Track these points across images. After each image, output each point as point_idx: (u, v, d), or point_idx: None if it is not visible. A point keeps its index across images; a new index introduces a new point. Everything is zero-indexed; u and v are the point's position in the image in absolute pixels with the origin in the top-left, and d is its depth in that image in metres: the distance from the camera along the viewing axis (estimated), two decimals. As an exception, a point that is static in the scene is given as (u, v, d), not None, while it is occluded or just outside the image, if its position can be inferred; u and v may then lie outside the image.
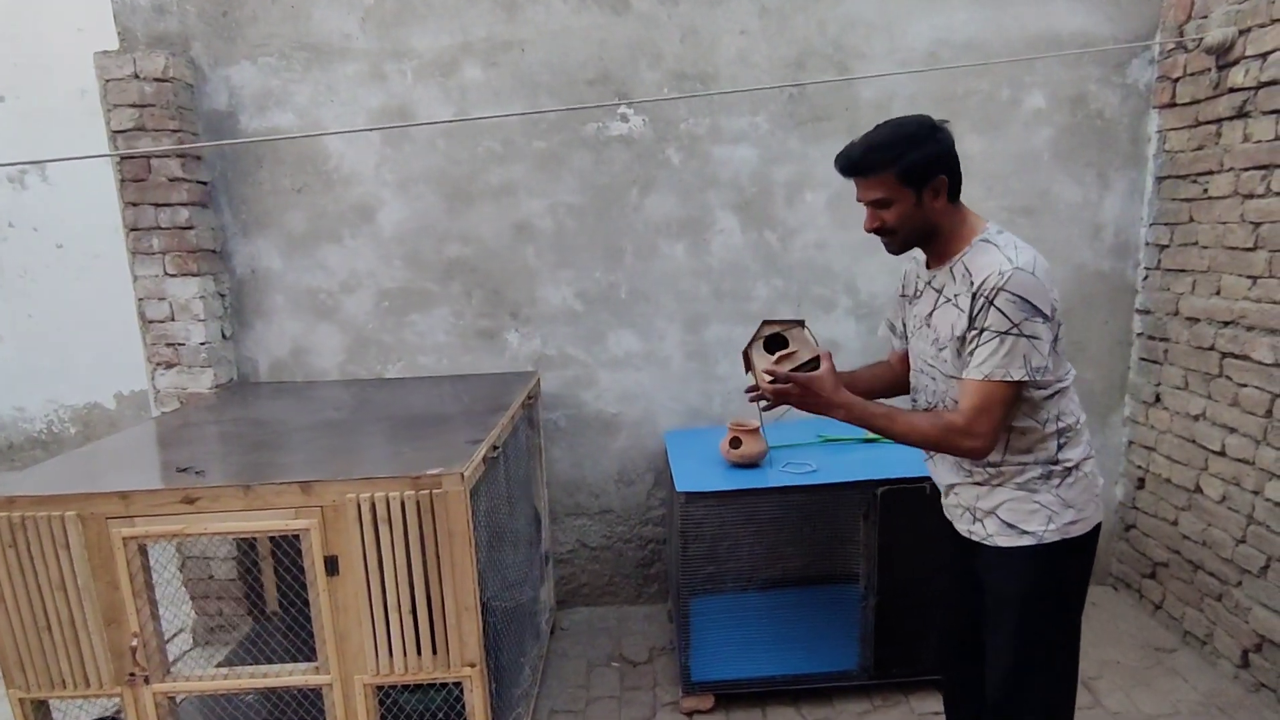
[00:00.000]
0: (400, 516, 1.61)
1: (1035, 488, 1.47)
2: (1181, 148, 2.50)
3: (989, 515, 1.52)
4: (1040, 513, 1.47)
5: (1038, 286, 1.34)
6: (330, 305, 2.73)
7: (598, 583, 2.97)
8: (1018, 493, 1.48)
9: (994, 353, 1.36)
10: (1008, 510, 1.49)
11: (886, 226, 1.46)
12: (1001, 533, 1.50)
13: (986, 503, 1.52)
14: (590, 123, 2.62)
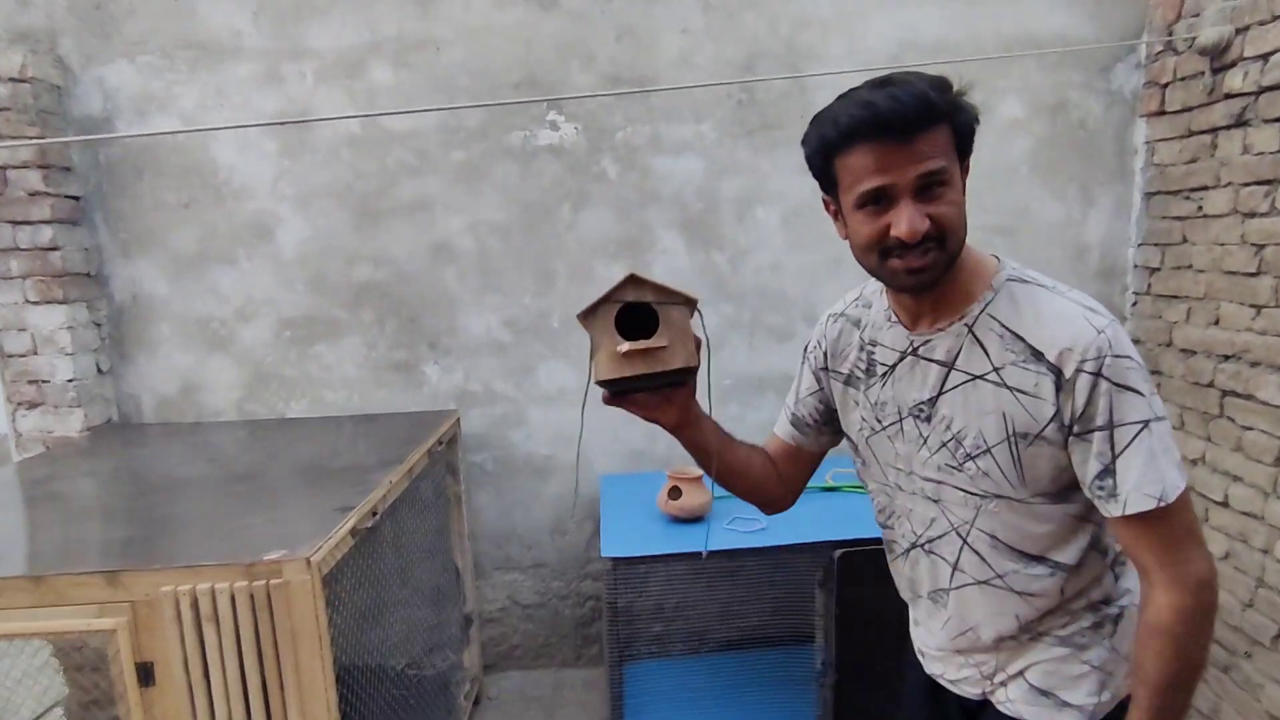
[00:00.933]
0: (230, 613, 1.30)
1: (1083, 642, 1.00)
2: (1173, 160, 2.25)
3: (1015, 679, 1.04)
4: (1090, 677, 1.00)
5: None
6: (224, 335, 2.41)
7: (532, 644, 2.65)
8: (1058, 649, 1.01)
9: (1155, 456, 0.86)
10: (1043, 673, 1.02)
11: (944, 225, 0.88)
12: (1030, 701, 1.02)
13: (1014, 663, 1.04)
14: (516, 131, 2.33)
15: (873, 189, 0.88)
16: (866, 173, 0.88)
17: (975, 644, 1.05)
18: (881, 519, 1.15)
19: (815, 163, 0.97)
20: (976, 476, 0.96)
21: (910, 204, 0.87)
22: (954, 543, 1.01)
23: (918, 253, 0.89)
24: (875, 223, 0.90)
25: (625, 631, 2.42)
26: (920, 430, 1.01)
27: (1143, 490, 0.86)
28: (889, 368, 1.04)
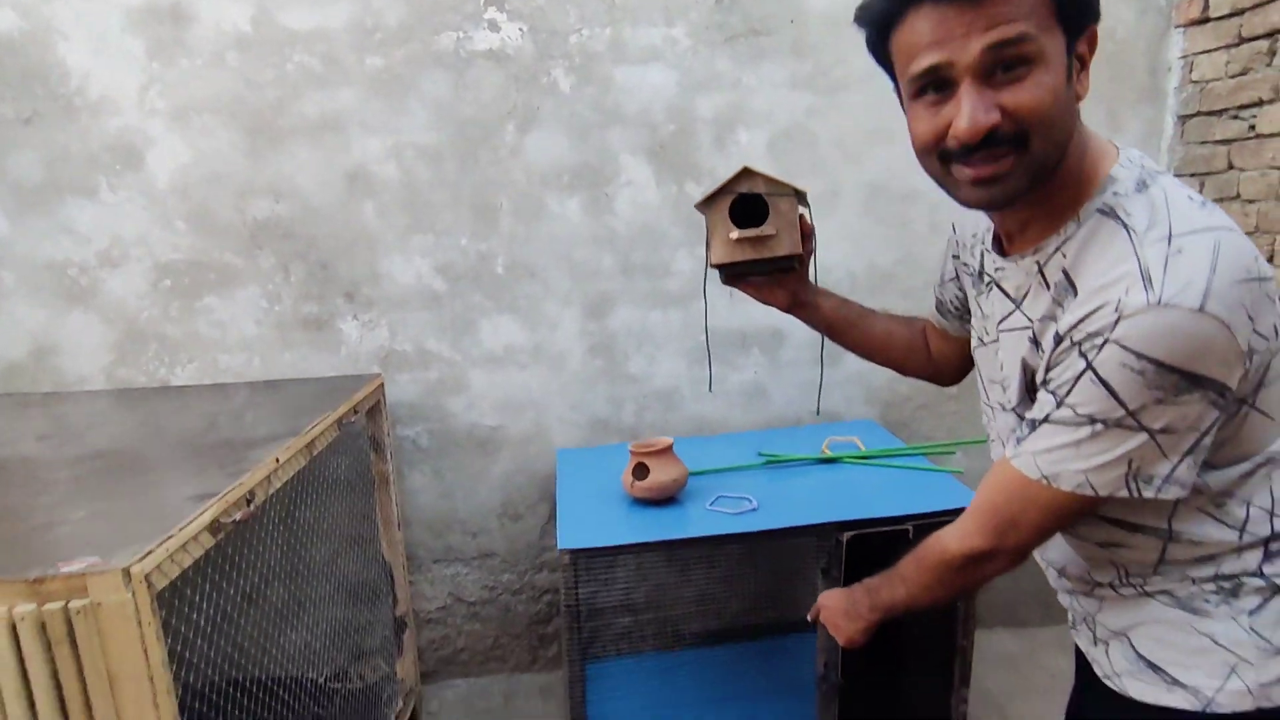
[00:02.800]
0: (12, 652, 0.89)
1: (1206, 609, 0.80)
2: (1217, 75, 1.94)
3: (1117, 637, 0.87)
4: (1212, 655, 0.79)
5: (1208, 334, 0.65)
6: (85, 285, 1.95)
7: (479, 647, 2.28)
8: (1174, 613, 0.81)
9: (1068, 445, 0.73)
10: (1149, 638, 0.83)
11: (1025, 118, 0.68)
12: (1135, 672, 0.85)
13: (1122, 620, 0.86)
14: (447, 31, 1.91)
15: (927, 68, 0.71)
16: (920, 47, 0.71)
17: (1066, 584, 0.93)
18: (986, 426, 1.01)
19: (872, 43, 0.80)
20: (1009, 417, 0.88)
21: (974, 89, 0.69)
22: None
23: (986, 157, 0.71)
24: (934, 118, 0.73)
25: (589, 627, 2.08)
26: (992, 349, 0.91)
27: (1038, 460, 0.76)
28: (985, 283, 0.92)
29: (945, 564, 0.88)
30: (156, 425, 1.59)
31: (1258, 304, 0.67)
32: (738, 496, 1.69)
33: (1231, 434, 0.74)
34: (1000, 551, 0.83)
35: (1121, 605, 0.87)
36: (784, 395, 2.19)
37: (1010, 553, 0.83)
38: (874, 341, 1.19)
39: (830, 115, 2.01)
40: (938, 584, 0.91)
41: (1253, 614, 0.78)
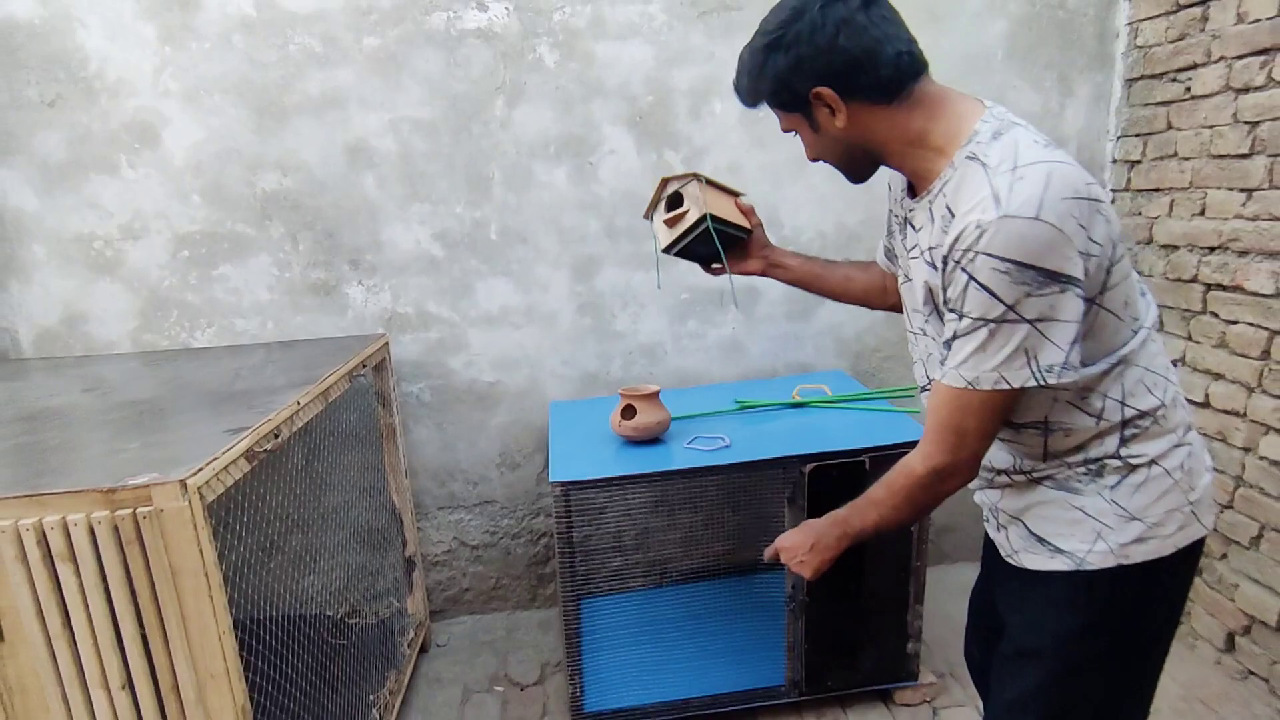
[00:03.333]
0: (90, 550, 1.07)
1: (1079, 486, 1.00)
2: (1158, 40, 2.08)
3: (1014, 521, 1.07)
4: (1086, 525, 0.99)
5: (1046, 236, 0.83)
6: (110, 257, 2.11)
7: (482, 587, 2.48)
8: (1055, 493, 1.01)
9: (976, 350, 0.90)
10: (1042, 516, 1.04)
11: (814, 156, 1.08)
12: (1031, 549, 1.05)
13: (1016, 504, 1.07)
14: (437, 11, 2.04)
15: None
16: None
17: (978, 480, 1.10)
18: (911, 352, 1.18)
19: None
20: (923, 337, 1.08)
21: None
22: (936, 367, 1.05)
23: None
24: None
25: (582, 566, 2.26)
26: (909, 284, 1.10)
27: (960, 371, 0.92)
28: (906, 219, 1.08)
29: (914, 484, 1.01)
30: (186, 379, 1.76)
31: (1087, 217, 0.85)
32: (713, 436, 1.87)
33: (1089, 330, 0.91)
34: (958, 462, 0.97)
35: (1016, 492, 1.06)
36: (759, 349, 2.35)
37: (967, 461, 0.97)
38: (838, 287, 1.40)
39: (798, 85, 2.15)
40: (908, 504, 1.03)
41: (1113, 489, 0.98)
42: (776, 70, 0.97)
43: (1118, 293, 0.92)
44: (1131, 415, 0.96)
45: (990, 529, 1.16)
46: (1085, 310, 0.88)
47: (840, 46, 0.91)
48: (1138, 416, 0.96)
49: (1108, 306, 0.92)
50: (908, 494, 1.03)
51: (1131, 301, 0.95)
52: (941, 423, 0.96)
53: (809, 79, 0.95)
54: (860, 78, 0.93)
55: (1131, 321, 0.95)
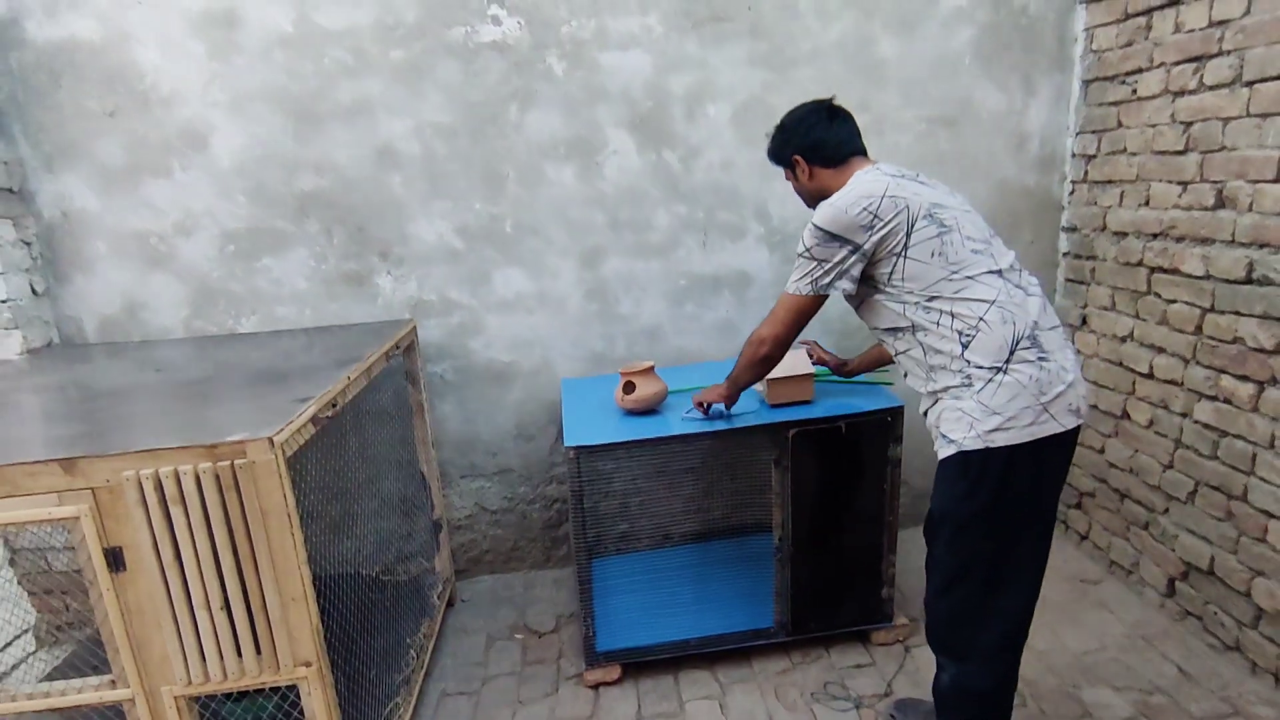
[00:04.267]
0: (196, 495, 1.31)
1: (960, 394, 1.44)
2: (1110, 45, 2.29)
3: (935, 428, 1.52)
4: (963, 420, 1.43)
5: (835, 214, 1.46)
6: (164, 251, 2.34)
7: (501, 548, 2.73)
8: (949, 401, 1.46)
9: (793, 270, 1.57)
10: (944, 419, 1.48)
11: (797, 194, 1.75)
12: (940, 444, 1.49)
13: (934, 416, 1.52)
14: (456, 26, 2.25)
15: None
16: None
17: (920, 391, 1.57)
18: None
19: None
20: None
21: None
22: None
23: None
24: None
25: (592, 530, 2.50)
26: None
27: (789, 281, 1.59)
28: None
29: (748, 343, 1.72)
30: (243, 359, 1.99)
31: (873, 210, 1.44)
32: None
33: (905, 271, 1.44)
34: (761, 336, 1.67)
35: (934, 406, 1.52)
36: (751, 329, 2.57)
37: (764, 337, 1.67)
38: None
39: (784, 89, 2.36)
40: (746, 361, 1.74)
41: (979, 392, 1.41)
42: (778, 140, 1.68)
43: (921, 249, 1.43)
44: (961, 328, 1.42)
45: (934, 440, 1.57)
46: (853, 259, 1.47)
47: (809, 136, 1.61)
48: (967, 329, 1.41)
49: (912, 256, 1.44)
50: (747, 351, 1.73)
51: (942, 253, 1.43)
52: (773, 310, 1.65)
53: (791, 149, 1.65)
54: (819, 153, 1.61)
55: (944, 265, 1.43)
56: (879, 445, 2.03)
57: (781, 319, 1.61)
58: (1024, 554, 1.48)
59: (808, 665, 2.15)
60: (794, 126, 1.64)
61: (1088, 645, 2.15)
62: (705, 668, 2.16)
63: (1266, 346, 1.83)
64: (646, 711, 2.02)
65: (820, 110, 1.62)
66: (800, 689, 2.05)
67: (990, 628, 1.50)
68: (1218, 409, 1.99)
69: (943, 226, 1.43)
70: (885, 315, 1.53)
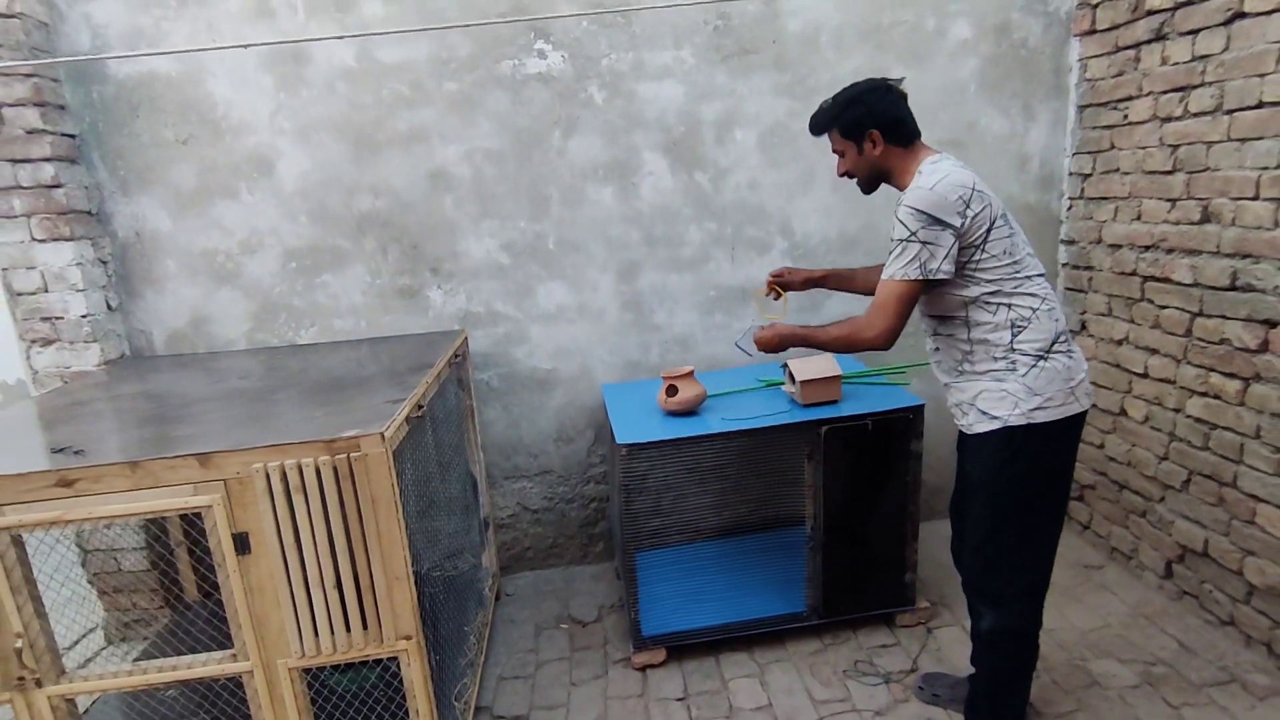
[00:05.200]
0: (316, 484, 1.47)
1: (1003, 377, 1.62)
2: (1102, 75, 2.52)
3: (971, 406, 1.67)
4: (1008, 399, 1.60)
5: (936, 200, 1.54)
6: (230, 268, 2.50)
7: (542, 545, 2.89)
8: (990, 383, 1.63)
9: (895, 258, 1.59)
10: (984, 399, 1.64)
11: (846, 172, 1.76)
12: (979, 420, 1.65)
13: (969, 395, 1.67)
14: (505, 60, 2.45)
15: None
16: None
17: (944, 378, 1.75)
18: None
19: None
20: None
21: (837, 161, 1.78)
22: (926, 322, 1.77)
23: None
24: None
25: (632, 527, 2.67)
26: None
27: (886, 269, 1.63)
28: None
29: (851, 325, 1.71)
30: (319, 368, 2.16)
31: (966, 200, 1.55)
32: (735, 418, 2.28)
33: (980, 261, 1.58)
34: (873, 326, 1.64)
35: (970, 386, 1.67)
36: (776, 337, 2.77)
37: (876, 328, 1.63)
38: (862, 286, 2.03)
39: (806, 115, 2.52)
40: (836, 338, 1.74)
41: (1023, 376, 1.60)
42: (857, 111, 1.67)
43: (996, 245, 1.58)
44: (1015, 317, 1.60)
45: (957, 418, 1.74)
46: (955, 242, 1.55)
47: (891, 113, 1.66)
48: (1020, 319, 1.60)
49: (989, 250, 1.58)
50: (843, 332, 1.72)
51: (1010, 252, 1.59)
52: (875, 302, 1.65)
53: (870, 122, 1.66)
54: (895, 130, 1.67)
55: (1010, 263, 1.59)
56: (902, 441, 2.22)
57: (894, 309, 1.59)
58: (1049, 513, 1.70)
59: (838, 646, 2.32)
60: (874, 102, 1.65)
61: (1093, 623, 2.34)
62: (743, 650, 2.33)
63: (1251, 346, 2.04)
64: (692, 689, 2.18)
65: (891, 89, 1.67)
66: (833, 667, 2.22)
67: (1021, 575, 1.71)
68: (1208, 404, 2.19)
69: (1012, 229, 1.61)
70: (945, 303, 1.65)
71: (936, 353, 1.76)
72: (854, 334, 1.67)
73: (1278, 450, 1.99)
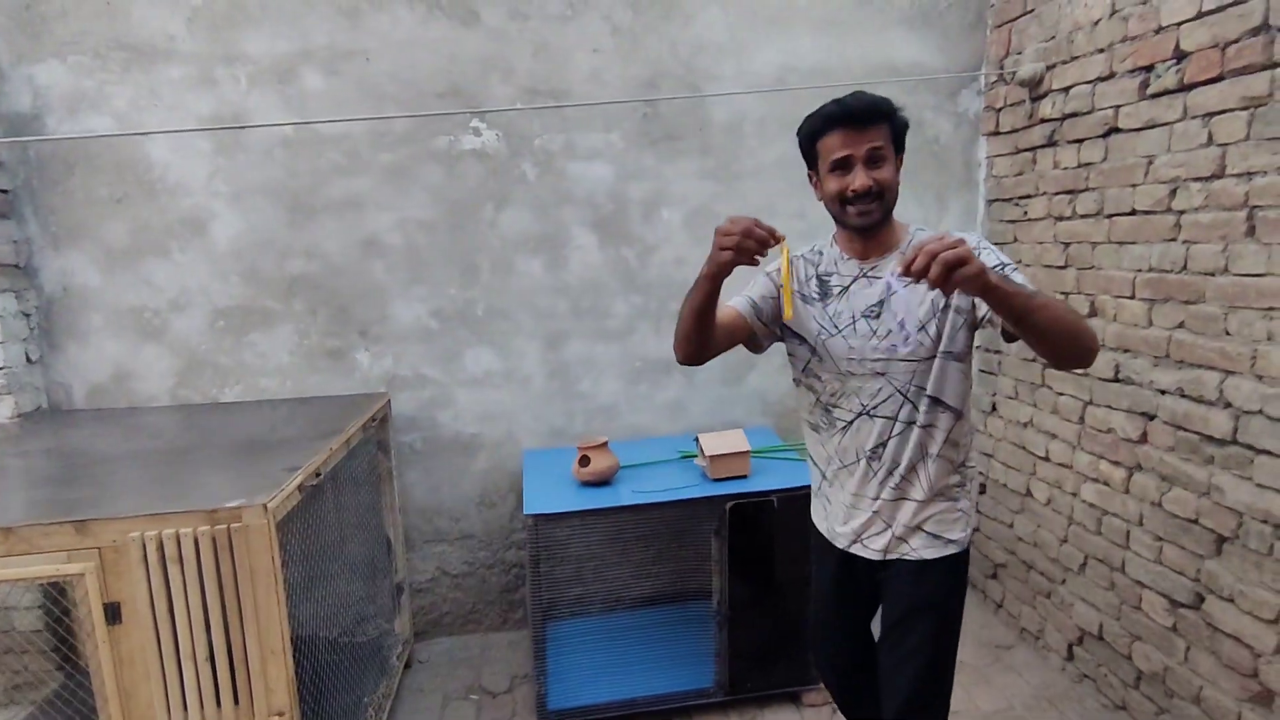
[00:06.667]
0: (194, 555, 1.48)
1: (956, 495, 1.50)
2: (1006, 173, 2.68)
3: (915, 531, 1.50)
4: (960, 520, 1.51)
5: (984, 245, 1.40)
6: (157, 325, 2.52)
7: (460, 611, 2.86)
8: (944, 504, 1.49)
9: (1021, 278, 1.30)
10: (935, 523, 1.49)
11: (881, 183, 1.38)
12: (927, 546, 1.49)
13: (915, 518, 1.49)
14: (441, 136, 2.55)
15: (840, 158, 1.39)
16: (836, 147, 1.39)
17: (898, 484, 1.48)
18: (831, 400, 1.54)
19: (804, 145, 1.48)
20: (916, 348, 1.43)
21: (862, 169, 1.38)
22: (896, 401, 1.45)
23: (864, 205, 1.39)
24: (840, 181, 1.41)
25: (547, 595, 2.66)
26: (871, 326, 1.46)
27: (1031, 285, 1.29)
28: (844, 288, 1.50)
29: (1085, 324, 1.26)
30: (232, 429, 2.17)
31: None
32: (650, 491, 2.32)
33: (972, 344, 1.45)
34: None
35: (921, 508, 1.48)
36: (699, 408, 2.84)
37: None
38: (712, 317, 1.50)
39: (730, 198, 2.69)
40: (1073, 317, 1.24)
41: (969, 495, 1.52)
42: (904, 122, 1.43)
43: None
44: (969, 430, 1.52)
45: (875, 544, 1.52)
46: None
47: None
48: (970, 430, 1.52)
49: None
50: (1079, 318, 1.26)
51: None
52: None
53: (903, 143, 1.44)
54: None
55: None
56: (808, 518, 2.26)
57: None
58: None
59: (744, 724, 2.32)
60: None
61: (997, 705, 2.36)
62: (650, 727, 2.31)
63: (1133, 436, 2.14)
64: (592, 768, 2.15)
65: None
66: (736, 746, 2.22)
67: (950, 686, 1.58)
68: (1099, 490, 2.28)
69: None
70: (956, 382, 1.44)
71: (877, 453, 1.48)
72: (1085, 326, 1.26)
73: (1159, 539, 2.07)
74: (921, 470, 1.48)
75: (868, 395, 1.48)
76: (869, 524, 1.53)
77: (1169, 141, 1.98)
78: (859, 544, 1.56)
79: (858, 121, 1.36)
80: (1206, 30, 1.84)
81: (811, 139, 1.44)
